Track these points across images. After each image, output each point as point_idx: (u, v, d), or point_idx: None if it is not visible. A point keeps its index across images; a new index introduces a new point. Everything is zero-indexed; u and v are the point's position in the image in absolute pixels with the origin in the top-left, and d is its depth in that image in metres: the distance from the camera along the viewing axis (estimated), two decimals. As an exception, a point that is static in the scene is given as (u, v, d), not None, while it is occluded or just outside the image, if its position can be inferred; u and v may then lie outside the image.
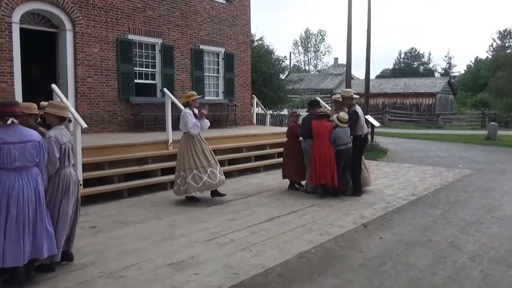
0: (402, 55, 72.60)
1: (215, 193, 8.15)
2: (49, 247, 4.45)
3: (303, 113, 13.33)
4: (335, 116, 8.53)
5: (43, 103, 5.13)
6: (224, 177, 8.11)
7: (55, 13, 10.80)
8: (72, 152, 4.95)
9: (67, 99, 9.62)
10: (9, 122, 4.20)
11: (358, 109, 8.84)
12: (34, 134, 4.37)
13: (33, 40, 11.46)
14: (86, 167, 8.00)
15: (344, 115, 8.45)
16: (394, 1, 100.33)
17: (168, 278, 4.67)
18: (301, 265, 5.18)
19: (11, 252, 4.16)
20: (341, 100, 9.07)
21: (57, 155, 4.63)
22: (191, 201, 8.04)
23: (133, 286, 4.49)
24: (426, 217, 7.37)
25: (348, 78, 16.76)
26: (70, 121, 5.07)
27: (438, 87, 39.52)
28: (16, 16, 10.09)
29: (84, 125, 7.87)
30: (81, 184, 7.68)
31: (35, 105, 4.97)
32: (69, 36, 11.06)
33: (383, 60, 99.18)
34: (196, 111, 7.88)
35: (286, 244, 5.84)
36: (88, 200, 7.74)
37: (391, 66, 73.38)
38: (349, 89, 9.43)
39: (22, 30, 10.31)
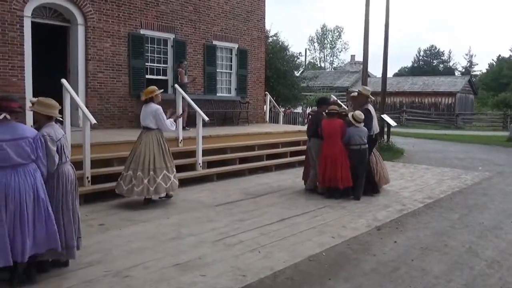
0: (421, 53, 71.85)
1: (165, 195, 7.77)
2: (51, 242, 4.35)
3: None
4: (350, 114, 8.28)
5: (32, 99, 4.91)
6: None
7: (67, 7, 10.76)
8: (68, 148, 4.78)
9: (78, 94, 9.57)
10: (1, 117, 4.09)
11: (371, 107, 8.64)
12: (27, 131, 4.26)
13: (44, 34, 11.42)
14: (95, 163, 7.90)
15: (360, 114, 8.20)
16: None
17: (174, 279, 4.59)
18: (312, 268, 5.04)
19: (11, 248, 4.10)
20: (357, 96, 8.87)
21: (55, 155, 4.49)
22: (147, 204, 7.51)
23: (139, 286, 4.41)
24: (443, 221, 7.13)
25: (365, 75, 16.50)
26: (58, 121, 4.81)
27: (458, 86, 38.86)
28: (28, 10, 10.07)
29: (94, 121, 7.78)
30: (89, 181, 7.65)
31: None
32: (80, 30, 11.00)
33: (401, 58, 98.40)
34: None
35: (296, 246, 5.68)
36: (96, 197, 7.65)
37: (409, 64, 72.74)
38: (368, 88, 9.17)
39: (33, 24, 10.27)
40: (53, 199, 4.55)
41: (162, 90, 7.78)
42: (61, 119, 4.88)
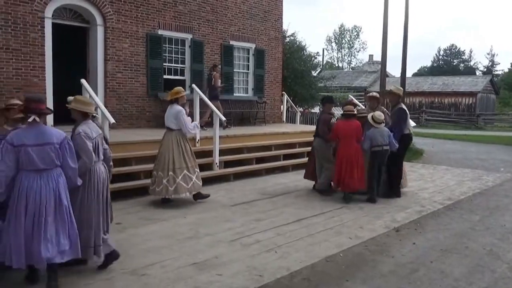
0: (441, 52, 70.85)
1: (198, 195, 7.71)
2: (74, 252, 4.26)
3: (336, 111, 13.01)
4: (369, 115, 8.13)
5: (70, 98, 5.02)
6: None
7: (87, 8, 10.87)
8: (101, 147, 4.83)
9: (97, 94, 9.65)
10: (30, 119, 4.01)
11: (404, 106, 8.46)
12: (54, 136, 4.13)
13: (64, 34, 11.55)
14: (113, 162, 7.94)
15: (379, 115, 8.06)
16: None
17: (191, 278, 4.60)
18: (328, 269, 5.00)
19: (29, 251, 4.04)
20: (377, 96, 8.75)
21: (91, 152, 4.50)
22: (165, 203, 7.54)
23: (155, 284, 4.43)
24: (463, 223, 7.01)
25: (383, 75, 16.34)
26: (94, 117, 4.89)
27: (479, 86, 38.18)
28: (48, 11, 10.20)
29: (112, 121, 7.86)
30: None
31: None
32: (100, 31, 11.11)
33: (420, 58, 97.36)
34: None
35: (313, 246, 5.65)
36: (114, 196, 7.69)
37: (429, 64, 71.75)
38: (400, 87, 9.03)
39: (54, 25, 10.41)
40: (84, 198, 4.58)
41: (188, 92, 7.83)
42: (96, 114, 4.92)
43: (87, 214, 4.59)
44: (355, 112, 8.23)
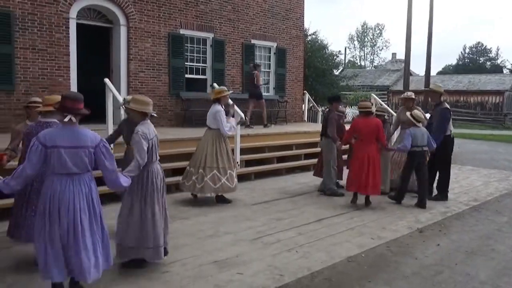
0: (467, 50, 69.42)
1: (221, 198, 7.66)
2: (108, 262, 4.03)
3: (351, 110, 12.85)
4: (408, 114, 7.83)
5: (127, 97, 5.03)
6: (237, 184, 7.62)
7: (110, 8, 11.00)
8: (158, 148, 4.80)
9: (120, 93, 9.75)
10: (66, 119, 3.71)
11: (448, 105, 8.21)
12: (89, 139, 3.81)
13: (88, 34, 11.71)
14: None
15: (420, 113, 7.78)
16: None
17: (212, 276, 4.60)
18: (350, 269, 4.94)
19: (68, 263, 3.77)
20: (412, 97, 8.60)
21: (145, 153, 4.48)
22: (220, 202, 7.61)
23: (176, 282, 4.45)
24: (490, 224, 6.85)
25: (407, 74, 16.12)
26: (152, 116, 4.79)
27: (506, 84, 37.27)
28: (73, 12, 10.36)
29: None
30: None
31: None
32: (123, 31, 11.23)
33: (445, 56, 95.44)
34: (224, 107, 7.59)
35: (334, 246, 5.59)
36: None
37: (454, 62, 70.42)
38: (440, 84, 8.83)
39: (78, 25, 10.56)
40: (146, 199, 4.59)
41: (231, 91, 7.87)
42: (155, 114, 4.87)
43: (150, 214, 4.60)
44: (372, 109, 7.90)
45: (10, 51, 9.43)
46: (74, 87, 10.30)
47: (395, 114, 11.59)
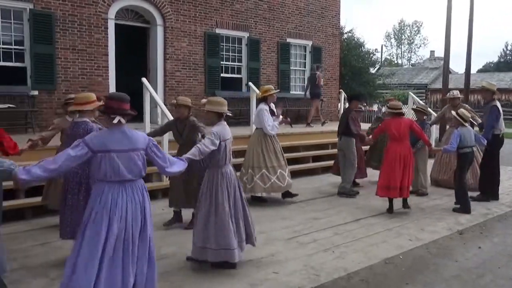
0: (509, 47, 67.04)
1: (286, 194, 7.67)
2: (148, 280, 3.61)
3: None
4: (453, 113, 7.54)
5: (203, 100, 5.12)
6: (291, 181, 7.56)
7: (148, 8, 11.19)
8: (231, 150, 4.80)
9: (156, 92, 9.91)
10: (115, 121, 3.43)
11: (498, 104, 7.88)
12: (140, 140, 3.53)
13: (126, 35, 11.93)
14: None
15: (466, 112, 7.45)
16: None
17: (247, 275, 4.61)
18: (388, 271, 4.86)
19: (111, 283, 3.40)
20: (458, 96, 8.40)
21: (212, 148, 4.43)
22: (257, 201, 7.61)
23: (210, 280, 4.47)
24: (534, 227, 6.59)
25: (446, 72, 15.68)
26: (228, 116, 4.77)
27: (551, 81, 35.83)
28: (111, 13, 10.60)
29: (172, 118, 8.00)
30: (167, 176, 7.87)
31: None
32: (159, 31, 11.41)
33: (486, 53, 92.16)
34: (273, 106, 7.57)
35: (371, 247, 5.50)
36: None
37: (495, 59, 68.13)
38: (493, 82, 8.58)
39: (116, 26, 10.80)
40: (218, 200, 4.58)
41: (278, 90, 7.88)
42: (230, 114, 4.89)
43: (221, 215, 4.58)
44: (402, 110, 7.62)
45: (51, 52, 9.72)
46: (112, 87, 10.54)
47: (434, 113, 11.34)
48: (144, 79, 8.75)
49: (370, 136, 8.10)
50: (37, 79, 9.53)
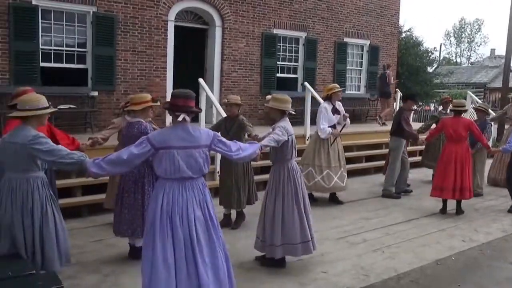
0: None
1: (333, 197, 7.70)
2: (229, 279, 3.58)
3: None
4: None
5: (268, 96, 5.31)
6: (343, 184, 7.38)
7: (207, 10, 11.42)
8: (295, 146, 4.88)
9: (212, 92, 10.10)
10: (180, 118, 3.40)
11: None
12: (203, 137, 3.49)
13: (183, 36, 12.15)
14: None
15: None
16: None
17: (296, 275, 4.68)
18: (439, 272, 4.84)
19: (188, 281, 3.35)
20: None
21: (284, 138, 4.46)
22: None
23: (261, 278, 4.56)
24: None
25: (506, 70, 15.09)
26: (290, 114, 4.82)
27: None
28: (171, 14, 10.91)
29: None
30: (219, 175, 8.09)
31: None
32: (218, 31, 11.64)
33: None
34: (339, 105, 7.46)
35: (423, 248, 5.49)
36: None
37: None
38: None
39: (175, 27, 11.05)
40: (284, 195, 4.66)
41: (343, 89, 7.90)
42: (294, 112, 4.93)
43: (286, 209, 4.64)
44: (466, 108, 7.46)
45: (112, 53, 10.00)
46: (169, 87, 10.77)
47: (493, 113, 10.99)
48: (201, 80, 8.99)
49: (425, 137, 8.00)
50: (97, 80, 9.82)
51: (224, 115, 8.23)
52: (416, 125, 13.90)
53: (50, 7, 9.31)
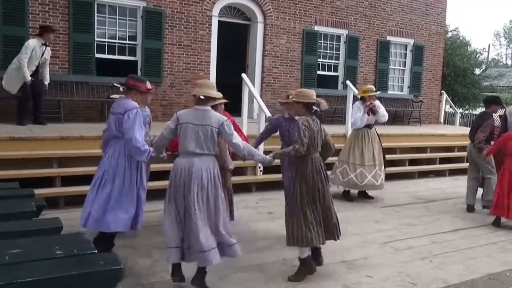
0: None
1: (362, 193, 7.82)
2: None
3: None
4: None
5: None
6: (378, 183, 7.45)
7: (250, 6, 11.44)
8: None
9: (254, 88, 10.05)
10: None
11: None
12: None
13: (226, 31, 12.22)
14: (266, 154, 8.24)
15: None
16: None
17: (340, 276, 4.57)
18: (492, 287, 4.52)
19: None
20: None
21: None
22: (345, 197, 7.72)
23: (309, 278, 4.42)
24: None
25: None
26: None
27: None
28: (216, 10, 10.98)
29: (268, 114, 8.14)
30: (261, 170, 8.04)
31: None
32: (259, 28, 11.60)
33: None
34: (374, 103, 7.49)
35: (474, 260, 5.19)
36: (266, 186, 8.02)
37: None
38: None
39: (219, 23, 11.15)
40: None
41: (379, 92, 8.04)
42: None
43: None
44: None
45: (160, 47, 10.33)
46: (213, 81, 10.85)
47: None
48: (244, 75, 8.96)
49: (485, 152, 7.09)
50: (146, 72, 10.12)
51: (266, 110, 8.15)
52: (462, 130, 13.37)
53: (105, 1, 9.81)
